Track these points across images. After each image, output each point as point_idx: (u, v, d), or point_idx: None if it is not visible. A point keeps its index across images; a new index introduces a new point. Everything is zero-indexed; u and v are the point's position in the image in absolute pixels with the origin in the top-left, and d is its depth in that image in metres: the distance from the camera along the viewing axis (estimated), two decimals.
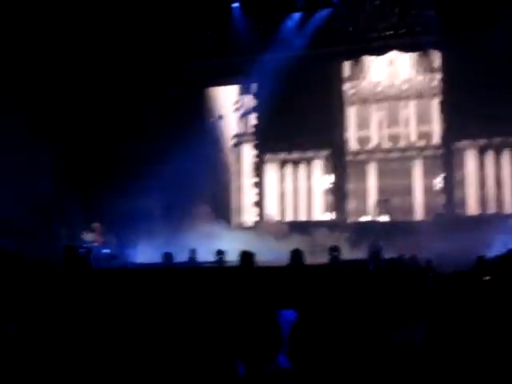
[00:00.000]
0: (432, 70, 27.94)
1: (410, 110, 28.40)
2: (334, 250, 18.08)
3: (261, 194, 29.97)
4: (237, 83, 30.25)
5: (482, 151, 26.95)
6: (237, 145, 30.69)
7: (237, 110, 30.79)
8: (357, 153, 28.86)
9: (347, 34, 26.79)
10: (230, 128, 30.76)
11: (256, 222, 29.27)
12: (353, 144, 29.04)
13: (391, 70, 28.60)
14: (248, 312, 2.42)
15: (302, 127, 27.65)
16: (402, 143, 28.34)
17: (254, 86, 29.88)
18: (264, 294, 4.59)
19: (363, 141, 28.86)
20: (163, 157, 26.68)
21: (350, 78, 29.01)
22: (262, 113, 29.44)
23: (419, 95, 28.12)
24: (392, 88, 28.59)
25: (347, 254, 19.64)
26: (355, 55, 28.44)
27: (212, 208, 28.78)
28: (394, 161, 28.37)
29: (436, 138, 27.88)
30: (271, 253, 18.33)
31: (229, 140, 30.76)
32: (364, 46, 27.27)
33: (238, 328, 2.37)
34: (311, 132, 27.75)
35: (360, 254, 20.05)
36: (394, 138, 28.50)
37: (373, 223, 26.44)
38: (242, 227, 28.56)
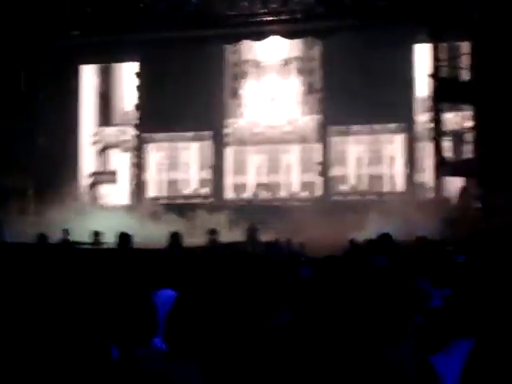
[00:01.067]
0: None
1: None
2: (213, 232, 18.18)
3: (139, 175, 29.63)
4: (117, 61, 29.71)
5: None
6: (117, 125, 30.15)
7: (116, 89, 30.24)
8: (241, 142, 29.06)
9: (228, 18, 26.77)
10: (113, 105, 30.20)
11: (133, 203, 28.88)
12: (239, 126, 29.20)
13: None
14: (122, 294, 2.37)
15: (184, 109, 27.45)
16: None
17: (135, 66, 29.48)
18: (140, 275, 4.53)
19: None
20: (35, 134, 25.88)
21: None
22: (144, 92, 29.09)
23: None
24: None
25: (226, 236, 19.81)
26: (236, 39, 28.54)
27: (88, 187, 28.20)
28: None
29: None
30: (149, 235, 18.15)
31: (111, 119, 30.20)
32: (244, 30, 27.40)
33: (111, 310, 2.31)
34: (192, 114, 27.59)
35: (239, 236, 20.28)
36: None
37: (252, 206, 26.71)
38: (118, 208, 28.08)
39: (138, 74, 29.57)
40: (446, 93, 22.81)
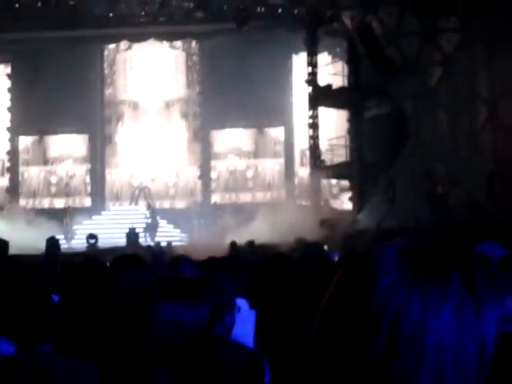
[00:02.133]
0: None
1: None
2: (92, 237, 17.90)
3: (14, 179, 28.66)
4: None
5: None
6: None
7: None
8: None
9: (108, 19, 26.35)
10: None
11: (5, 206, 27.79)
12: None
13: None
14: (21, 294, 2.35)
15: (55, 112, 26.64)
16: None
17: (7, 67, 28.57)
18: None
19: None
20: None
21: None
22: (17, 94, 28.19)
23: None
24: None
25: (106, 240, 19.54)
26: (115, 40, 28.22)
27: None
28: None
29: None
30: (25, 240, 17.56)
31: None
32: (123, 31, 27.07)
33: (8, 307, 2.28)
34: (68, 117, 26.88)
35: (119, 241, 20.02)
36: None
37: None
38: None
39: (9, 76, 28.70)
40: (321, 98, 23.48)
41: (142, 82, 28.89)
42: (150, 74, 28.87)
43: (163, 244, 18.40)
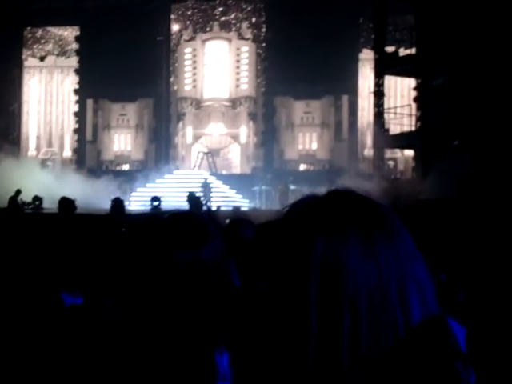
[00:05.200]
0: None
1: None
2: (155, 199, 18.18)
3: (81, 140, 29.27)
4: None
5: None
6: None
7: None
8: None
9: None
10: None
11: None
12: None
13: None
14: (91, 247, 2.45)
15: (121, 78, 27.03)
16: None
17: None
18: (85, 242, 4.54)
19: None
20: None
21: None
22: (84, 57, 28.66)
23: None
24: None
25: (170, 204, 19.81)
26: None
27: None
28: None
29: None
30: None
31: None
32: None
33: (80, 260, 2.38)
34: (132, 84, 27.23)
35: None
36: None
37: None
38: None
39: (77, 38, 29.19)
40: (388, 65, 23.09)
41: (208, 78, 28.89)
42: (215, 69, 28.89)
43: (225, 208, 18.59)
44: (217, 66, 29.23)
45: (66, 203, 7.80)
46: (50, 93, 30.45)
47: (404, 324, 0.95)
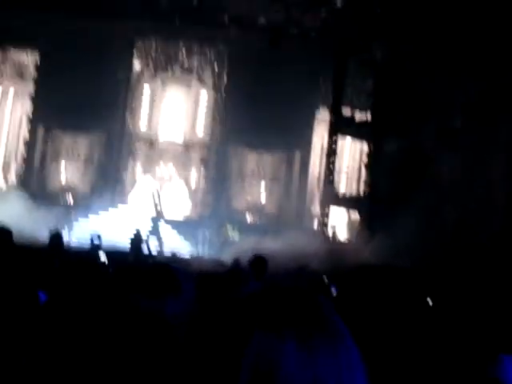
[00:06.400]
0: None
1: None
2: (96, 238, 17.85)
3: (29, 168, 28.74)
4: None
5: None
6: None
7: None
8: None
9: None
10: None
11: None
12: None
13: None
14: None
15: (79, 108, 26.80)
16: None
17: None
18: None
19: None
20: None
21: None
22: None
23: None
24: None
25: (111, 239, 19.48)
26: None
27: None
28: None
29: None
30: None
31: None
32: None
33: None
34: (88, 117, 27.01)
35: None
36: None
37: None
38: None
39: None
40: (343, 127, 23.46)
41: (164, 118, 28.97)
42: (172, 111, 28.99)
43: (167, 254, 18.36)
44: (174, 109, 29.25)
45: (2, 234, 7.54)
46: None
47: None
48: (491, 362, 2.51)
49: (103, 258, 11.38)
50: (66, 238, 18.64)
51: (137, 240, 17.85)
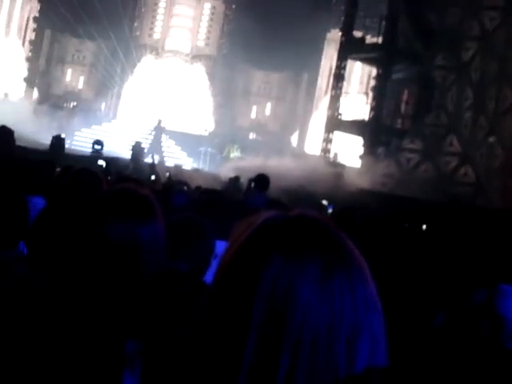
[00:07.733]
0: None
1: None
2: (97, 143, 17.84)
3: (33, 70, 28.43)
4: None
5: None
6: None
7: None
8: None
9: None
10: None
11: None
12: None
13: None
14: None
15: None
16: None
17: None
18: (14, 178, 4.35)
19: None
20: None
21: None
22: None
23: None
24: None
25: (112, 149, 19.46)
26: None
27: None
28: None
29: None
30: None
31: None
32: None
33: None
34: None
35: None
36: None
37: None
38: None
39: None
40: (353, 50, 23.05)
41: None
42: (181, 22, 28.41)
43: (169, 164, 18.35)
44: (183, 20, 28.73)
45: (4, 133, 7.51)
46: None
47: (346, 373, 0.85)
48: (486, 290, 2.52)
49: (103, 164, 11.38)
50: (67, 144, 18.67)
51: (137, 148, 17.80)
